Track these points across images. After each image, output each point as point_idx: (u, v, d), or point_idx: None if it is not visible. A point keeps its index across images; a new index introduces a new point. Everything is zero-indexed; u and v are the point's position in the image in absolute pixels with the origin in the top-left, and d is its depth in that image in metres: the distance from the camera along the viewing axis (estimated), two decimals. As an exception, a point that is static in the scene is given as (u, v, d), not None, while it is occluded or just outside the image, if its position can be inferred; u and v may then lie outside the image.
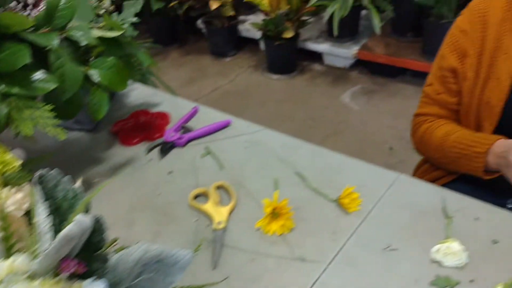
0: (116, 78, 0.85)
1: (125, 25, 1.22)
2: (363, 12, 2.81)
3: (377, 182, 0.90)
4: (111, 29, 0.88)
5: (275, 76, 2.89)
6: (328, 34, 2.87)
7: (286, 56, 2.87)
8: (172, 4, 3.03)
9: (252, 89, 2.81)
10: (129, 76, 0.88)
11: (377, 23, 2.50)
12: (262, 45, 3.05)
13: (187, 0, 2.99)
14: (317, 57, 2.99)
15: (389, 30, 2.84)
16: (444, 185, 1.10)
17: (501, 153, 0.89)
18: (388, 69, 2.70)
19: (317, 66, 2.97)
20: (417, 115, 1.12)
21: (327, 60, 2.94)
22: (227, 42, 3.15)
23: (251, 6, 3.04)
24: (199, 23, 3.29)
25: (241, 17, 3.32)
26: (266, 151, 1.01)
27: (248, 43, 3.25)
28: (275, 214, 0.81)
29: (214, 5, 2.85)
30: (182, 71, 3.11)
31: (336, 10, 2.52)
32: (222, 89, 2.83)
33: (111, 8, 1.16)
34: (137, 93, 1.24)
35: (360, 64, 2.87)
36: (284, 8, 2.68)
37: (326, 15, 2.56)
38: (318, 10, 2.79)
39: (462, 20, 1.03)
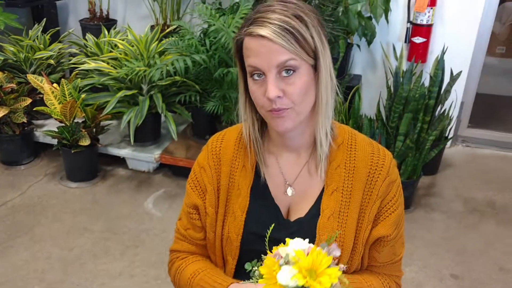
0: None
1: None
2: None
3: None
4: None
5: (74, 185, 2.72)
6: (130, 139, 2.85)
7: (85, 164, 2.74)
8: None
9: (47, 201, 2.57)
10: None
11: (173, 129, 2.57)
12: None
13: (-31, 106, 2.70)
14: (122, 161, 2.92)
15: (190, 133, 2.95)
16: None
17: None
18: (189, 171, 2.74)
19: (121, 171, 2.89)
20: (171, 251, 1.10)
21: (131, 164, 2.89)
22: (21, 150, 2.89)
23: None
24: (-12, 128, 2.98)
25: (39, 122, 3.12)
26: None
27: (47, 148, 3.04)
28: None
29: (0, 113, 2.62)
30: (-35, 184, 2.73)
31: (132, 118, 2.53)
32: (11, 203, 2.54)
33: None
34: None
35: (164, 166, 2.88)
36: (79, 116, 2.59)
37: (122, 123, 2.54)
38: (117, 116, 2.78)
39: (202, 157, 1.07)
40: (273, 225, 0.91)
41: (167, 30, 2.99)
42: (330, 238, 0.83)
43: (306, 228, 0.97)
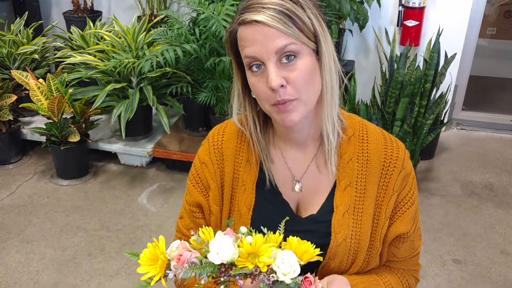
0: None
1: None
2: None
3: None
4: None
5: (65, 182, 2.65)
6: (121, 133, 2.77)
7: (75, 160, 2.67)
8: None
9: (37, 200, 2.50)
10: None
11: (165, 122, 2.51)
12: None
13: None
14: (113, 156, 2.85)
15: (182, 125, 2.88)
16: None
17: None
18: (184, 164, 2.69)
19: (113, 166, 2.82)
20: (172, 250, 1.05)
21: (123, 159, 2.82)
22: (8, 148, 2.81)
23: (33, 108, 2.79)
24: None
25: (26, 119, 3.03)
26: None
27: (35, 146, 2.96)
28: None
29: (-15, 111, 2.54)
30: (-49, 185, 2.64)
31: (122, 111, 2.46)
32: (0, 204, 2.46)
33: None
34: None
35: (157, 159, 2.82)
36: (67, 111, 2.51)
37: (112, 117, 2.47)
38: (107, 111, 2.70)
39: (203, 151, 1.01)
40: (286, 218, 0.85)
41: (155, 20, 2.91)
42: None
43: (320, 225, 0.92)
